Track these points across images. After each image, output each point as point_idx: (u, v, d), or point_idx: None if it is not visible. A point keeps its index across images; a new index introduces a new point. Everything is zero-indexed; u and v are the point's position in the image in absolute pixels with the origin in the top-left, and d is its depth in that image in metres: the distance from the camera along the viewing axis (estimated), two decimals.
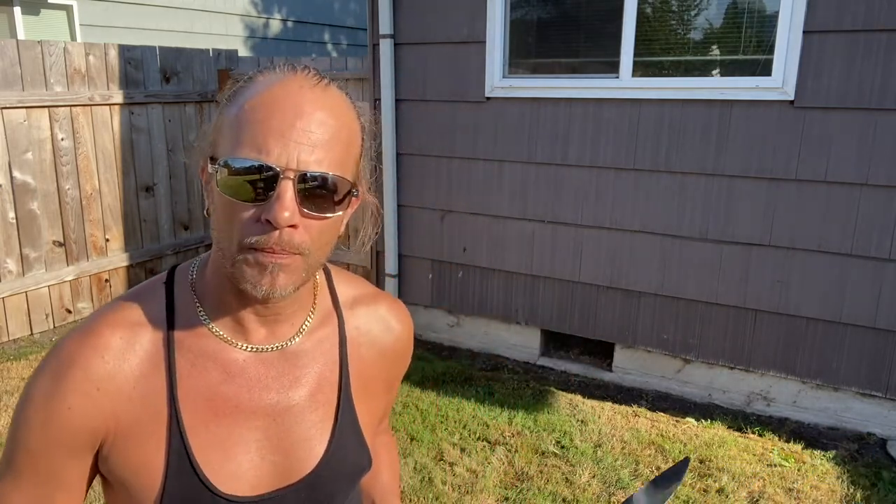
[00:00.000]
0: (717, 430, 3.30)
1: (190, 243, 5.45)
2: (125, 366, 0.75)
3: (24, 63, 4.20)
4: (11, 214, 4.25)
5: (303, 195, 0.70)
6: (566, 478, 2.89)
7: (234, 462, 0.79)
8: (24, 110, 4.23)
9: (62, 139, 4.47)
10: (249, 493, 0.80)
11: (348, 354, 0.87)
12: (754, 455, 3.08)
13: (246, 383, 0.80)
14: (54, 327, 4.57)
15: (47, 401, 0.73)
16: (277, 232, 0.69)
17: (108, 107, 4.71)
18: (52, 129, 4.40)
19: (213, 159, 0.73)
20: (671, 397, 3.66)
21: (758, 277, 3.32)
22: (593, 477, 2.90)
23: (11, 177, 4.22)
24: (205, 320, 0.80)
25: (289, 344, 0.83)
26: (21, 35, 5.91)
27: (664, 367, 3.70)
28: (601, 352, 3.98)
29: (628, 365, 3.81)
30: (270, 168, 0.68)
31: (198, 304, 0.80)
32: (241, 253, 0.70)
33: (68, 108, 4.47)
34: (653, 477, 1.00)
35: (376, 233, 0.94)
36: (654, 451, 3.10)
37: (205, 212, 0.77)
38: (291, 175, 0.69)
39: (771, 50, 3.11)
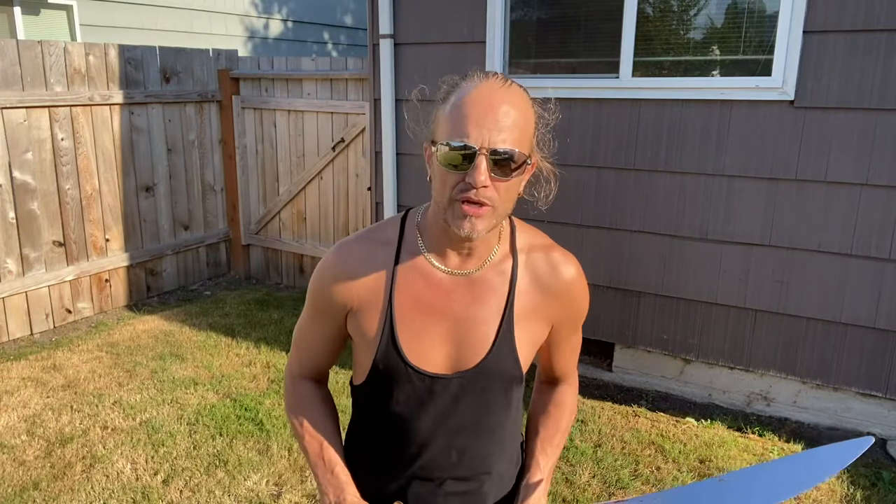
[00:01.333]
0: (717, 430, 3.30)
1: (190, 243, 5.45)
2: (366, 266, 1.14)
3: (24, 63, 4.20)
4: (11, 214, 4.25)
5: (492, 164, 1.01)
6: (566, 478, 2.89)
7: (422, 345, 1.13)
8: (24, 110, 4.23)
9: (62, 139, 4.47)
10: (429, 370, 1.13)
11: (516, 288, 1.14)
12: (754, 455, 3.08)
13: (440, 294, 1.13)
14: (54, 327, 4.57)
15: (320, 279, 1.17)
16: (475, 189, 1.00)
17: (108, 107, 4.71)
18: (52, 129, 4.40)
19: (434, 142, 1.06)
20: (671, 397, 3.66)
21: (758, 277, 3.32)
22: (593, 477, 2.90)
23: (11, 177, 4.22)
24: (421, 248, 1.15)
25: (474, 272, 1.14)
26: (21, 35, 5.91)
27: (664, 367, 3.70)
28: (601, 352, 3.98)
29: (628, 365, 3.81)
30: (471, 147, 1.00)
31: (419, 237, 1.16)
32: (451, 204, 1.03)
33: (68, 108, 4.47)
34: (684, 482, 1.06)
35: (555, 186, 1.23)
36: (654, 451, 3.10)
37: (427, 178, 1.09)
38: (485, 151, 1.00)
39: (771, 50, 3.11)
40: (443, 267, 1.14)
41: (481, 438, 1.17)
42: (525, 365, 1.17)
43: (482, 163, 1.00)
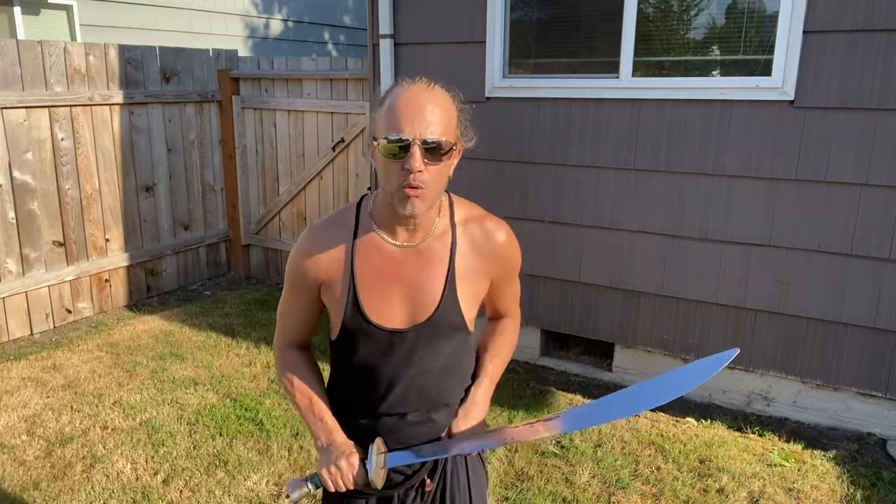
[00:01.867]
0: (717, 430, 3.30)
1: (190, 243, 5.45)
2: (330, 246, 1.37)
3: (24, 63, 4.20)
4: (11, 214, 4.25)
5: (424, 152, 1.22)
6: (566, 478, 2.89)
7: (381, 306, 1.36)
8: (24, 110, 4.23)
9: (62, 139, 4.47)
10: (389, 326, 1.36)
11: (456, 254, 1.38)
12: (754, 455, 3.08)
13: (393, 263, 1.36)
14: (54, 327, 4.57)
15: (295, 260, 1.40)
16: (412, 174, 1.21)
17: (108, 107, 4.71)
18: (52, 129, 4.40)
19: (375, 138, 1.26)
20: None
21: (758, 277, 3.32)
22: (593, 477, 2.90)
23: (11, 177, 4.22)
24: (374, 227, 1.37)
25: (420, 244, 1.36)
26: (21, 35, 5.91)
27: (664, 367, 3.70)
28: (601, 352, 3.98)
29: (628, 365, 3.81)
30: (406, 139, 1.21)
31: (371, 218, 1.38)
32: (398, 191, 1.24)
33: (68, 108, 4.47)
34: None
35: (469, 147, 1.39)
36: (654, 451, 3.10)
37: (372, 170, 1.35)
38: (418, 142, 1.21)
39: (771, 50, 3.11)
40: (394, 241, 1.36)
41: (436, 378, 1.42)
42: (468, 316, 1.41)
43: (416, 151, 1.21)
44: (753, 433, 3.28)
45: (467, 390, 1.49)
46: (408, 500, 1.47)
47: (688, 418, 3.41)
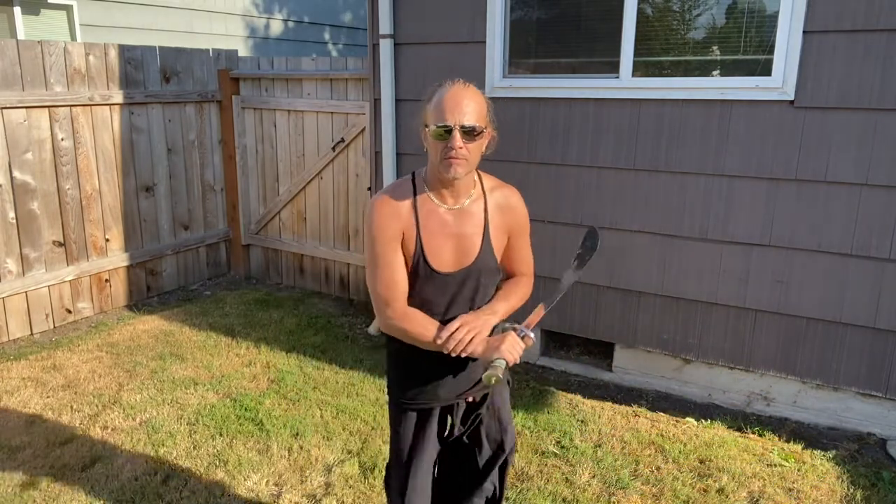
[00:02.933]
0: (717, 430, 3.30)
1: (190, 243, 5.45)
2: (402, 204, 1.79)
3: (24, 63, 4.20)
4: (11, 214, 4.25)
5: (462, 134, 1.68)
6: (566, 478, 2.89)
7: (439, 255, 1.80)
8: (24, 110, 4.23)
9: (62, 139, 4.47)
10: (443, 270, 1.80)
11: (488, 212, 1.84)
12: (754, 455, 3.08)
13: (444, 222, 1.80)
14: (54, 327, 4.57)
15: (379, 219, 1.78)
16: (454, 150, 1.68)
17: (108, 107, 4.71)
18: (52, 129, 4.40)
19: (426, 125, 1.74)
20: (671, 397, 3.66)
21: (758, 277, 3.32)
22: (593, 477, 2.90)
23: (11, 177, 4.22)
24: (428, 192, 1.81)
25: (462, 205, 1.82)
26: (21, 35, 5.91)
27: (664, 367, 3.70)
28: (601, 352, 3.98)
29: (628, 365, 3.81)
30: (449, 125, 1.68)
31: (425, 185, 1.82)
32: (442, 161, 1.71)
33: (68, 108, 4.47)
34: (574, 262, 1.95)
35: (494, 144, 1.83)
36: (654, 451, 3.10)
37: (424, 150, 1.78)
38: (457, 127, 1.68)
39: (771, 50, 3.11)
40: (442, 204, 1.81)
41: (476, 306, 1.86)
42: (498, 260, 1.88)
43: (456, 134, 1.68)
44: (753, 433, 3.28)
45: None
46: (458, 407, 1.97)
47: (688, 418, 3.41)
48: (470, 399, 1.97)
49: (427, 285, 1.81)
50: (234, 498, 2.76)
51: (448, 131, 1.67)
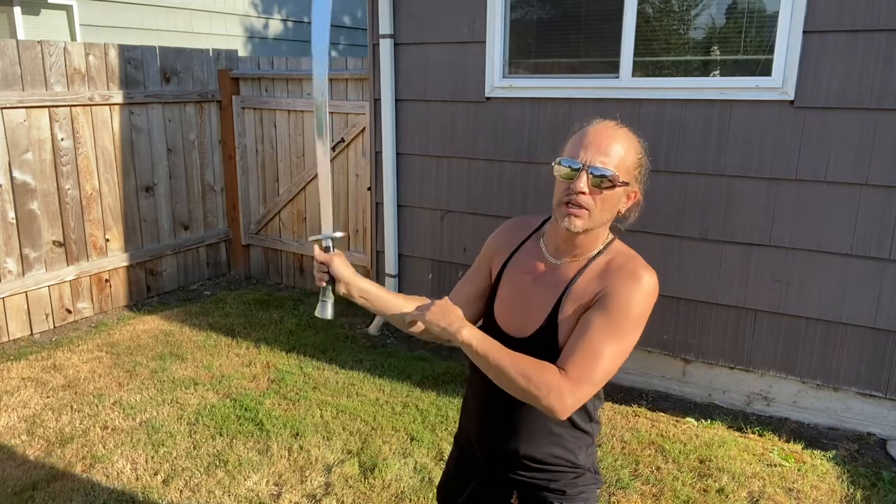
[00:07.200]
0: (717, 430, 3.30)
1: (190, 243, 5.45)
2: (512, 235, 1.56)
3: (24, 63, 4.20)
4: (11, 214, 4.25)
5: (591, 178, 1.34)
6: None
7: (507, 309, 1.48)
8: (24, 110, 4.23)
9: (62, 139, 4.47)
10: (503, 327, 1.47)
11: (580, 276, 1.41)
12: (754, 455, 3.08)
13: (533, 272, 1.47)
14: (54, 327, 4.57)
15: (491, 235, 1.61)
16: (575, 195, 1.34)
17: (108, 107, 4.71)
18: (52, 129, 4.40)
19: (558, 161, 1.38)
20: (671, 397, 3.66)
21: (758, 277, 3.32)
22: None
23: (11, 177, 4.22)
24: (542, 237, 1.51)
25: (561, 263, 1.44)
26: (21, 35, 5.90)
27: (664, 367, 3.70)
28: None
29: (628, 365, 3.81)
30: (577, 164, 1.35)
31: (543, 233, 1.52)
32: (559, 207, 1.37)
33: (68, 108, 4.47)
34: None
35: (637, 210, 1.49)
36: (654, 451, 3.10)
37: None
38: (586, 168, 1.34)
39: (771, 50, 3.11)
40: (546, 253, 1.47)
41: (514, 409, 1.47)
42: (562, 342, 1.39)
43: (583, 176, 1.33)
44: (753, 433, 3.28)
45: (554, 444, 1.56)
46: None
47: (688, 418, 3.41)
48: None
49: (485, 330, 1.45)
50: (234, 498, 2.76)
51: (575, 170, 1.33)
